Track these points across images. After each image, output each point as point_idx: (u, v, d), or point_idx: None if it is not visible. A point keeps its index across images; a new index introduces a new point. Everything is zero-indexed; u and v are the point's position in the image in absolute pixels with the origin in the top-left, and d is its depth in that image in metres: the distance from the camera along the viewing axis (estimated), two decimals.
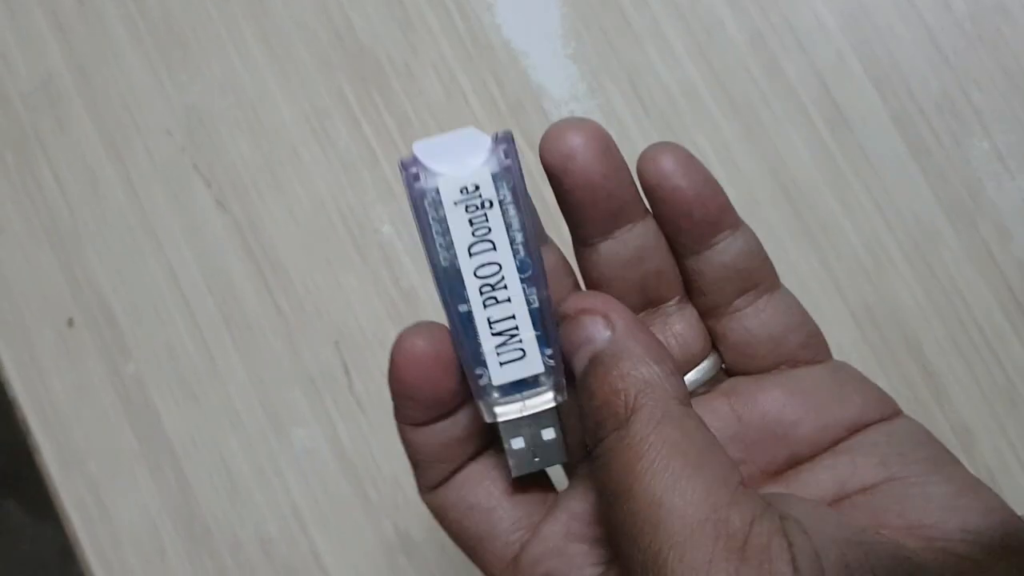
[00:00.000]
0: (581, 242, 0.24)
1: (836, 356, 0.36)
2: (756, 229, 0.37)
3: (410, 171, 0.21)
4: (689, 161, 0.22)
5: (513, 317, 0.21)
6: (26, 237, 0.40)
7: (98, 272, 0.39)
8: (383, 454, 0.38)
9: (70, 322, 0.39)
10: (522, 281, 0.21)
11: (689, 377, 0.24)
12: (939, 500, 0.21)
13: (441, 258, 0.21)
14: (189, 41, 0.40)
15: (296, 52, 0.39)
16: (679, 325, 0.24)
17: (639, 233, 0.23)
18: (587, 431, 0.20)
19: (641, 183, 0.23)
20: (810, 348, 0.24)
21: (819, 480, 0.22)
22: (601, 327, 0.21)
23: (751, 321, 0.24)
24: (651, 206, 0.23)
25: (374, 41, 0.39)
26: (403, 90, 0.39)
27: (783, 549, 0.18)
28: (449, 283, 0.21)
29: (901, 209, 0.37)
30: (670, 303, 0.24)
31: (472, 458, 0.23)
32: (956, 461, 0.23)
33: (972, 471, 0.35)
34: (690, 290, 0.24)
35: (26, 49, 0.40)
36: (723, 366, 0.25)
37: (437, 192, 0.21)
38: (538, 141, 0.38)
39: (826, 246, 0.37)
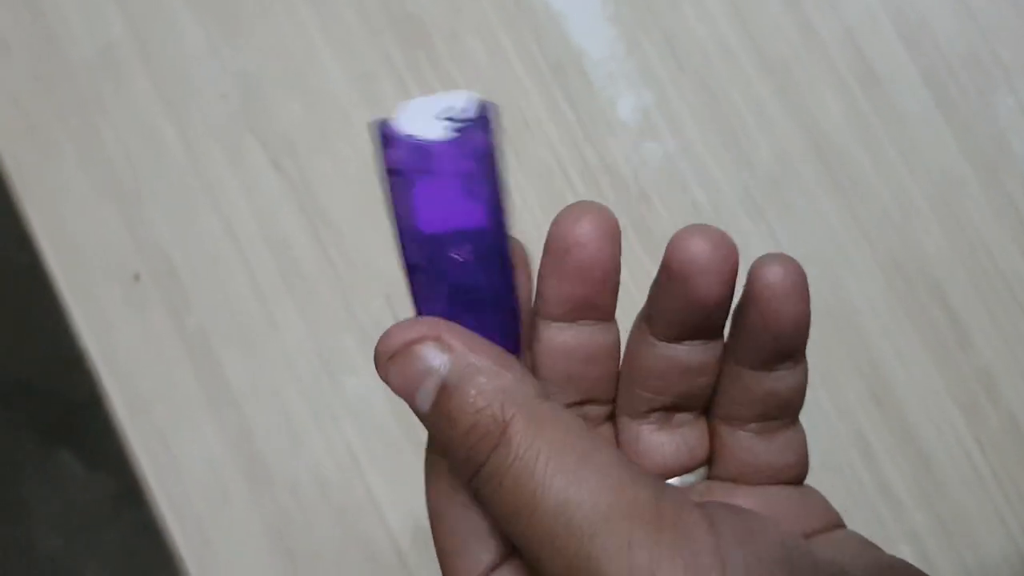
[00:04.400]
0: (652, 332, 0.22)
1: (864, 306, 0.38)
2: (789, 185, 0.38)
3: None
4: (803, 285, 0.21)
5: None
6: (92, 198, 0.42)
7: (161, 230, 0.41)
8: None
9: (136, 277, 0.42)
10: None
11: (682, 479, 0.24)
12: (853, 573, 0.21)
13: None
14: (241, 8, 0.42)
15: (344, 17, 0.41)
16: (690, 432, 0.24)
17: (710, 348, 0.22)
18: (457, 465, 0.20)
19: (747, 286, 0.21)
20: (796, 478, 0.24)
21: None
22: (437, 352, 0.19)
23: (759, 447, 0.23)
24: (742, 306, 0.22)
25: (419, 5, 0.41)
26: (447, 52, 0.40)
27: (700, 518, 0.18)
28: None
29: (928, 163, 0.38)
30: (690, 412, 0.24)
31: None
32: (881, 551, 0.22)
33: (995, 416, 0.37)
34: (719, 390, 0.23)
35: (88, 18, 0.42)
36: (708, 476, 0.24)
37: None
38: (578, 100, 0.39)
39: (855, 198, 0.38)
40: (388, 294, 0.40)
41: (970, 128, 0.38)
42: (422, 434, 0.40)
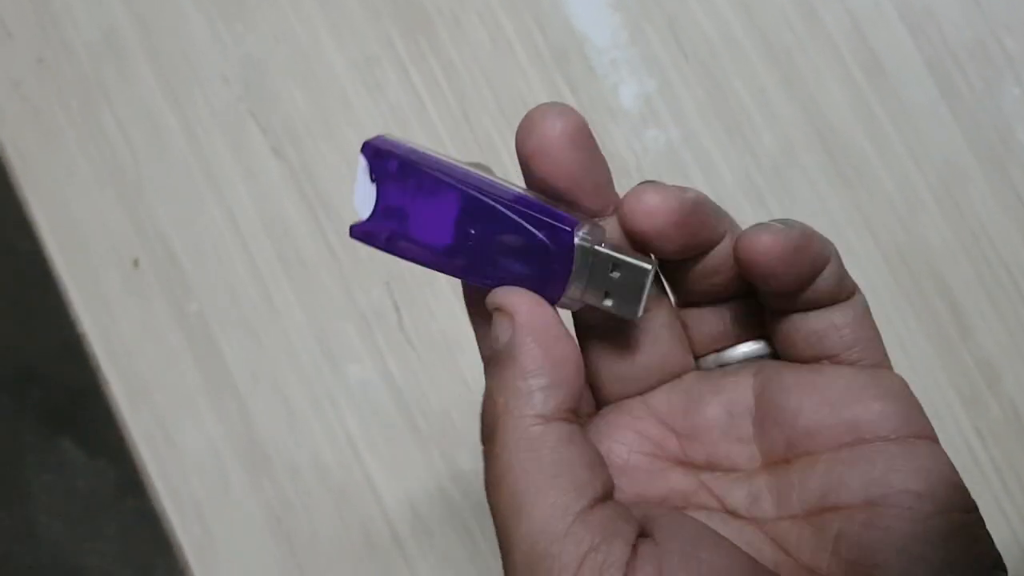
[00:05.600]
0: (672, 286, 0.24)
1: (866, 295, 0.38)
2: (792, 174, 0.38)
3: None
4: (786, 257, 0.21)
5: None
6: (92, 182, 0.42)
7: (161, 216, 0.41)
8: (432, 387, 0.40)
9: (135, 263, 0.41)
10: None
11: (741, 350, 0.24)
12: (902, 542, 0.20)
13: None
14: None
15: (346, 1, 0.41)
16: (740, 309, 0.23)
17: (719, 251, 0.22)
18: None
19: (735, 257, 0.21)
20: (862, 359, 0.23)
21: (807, 485, 0.21)
22: (504, 328, 0.21)
23: (804, 324, 0.22)
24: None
25: None
26: (450, 39, 0.40)
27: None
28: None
29: (932, 152, 0.38)
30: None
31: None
32: (958, 507, 0.21)
33: (996, 407, 0.37)
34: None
35: (89, 3, 0.42)
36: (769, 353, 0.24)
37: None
38: (580, 87, 0.39)
39: (859, 188, 0.38)
40: (388, 281, 0.40)
41: (975, 118, 0.38)
42: (420, 420, 0.40)
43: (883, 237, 0.38)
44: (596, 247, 0.21)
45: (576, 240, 0.21)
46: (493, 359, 0.21)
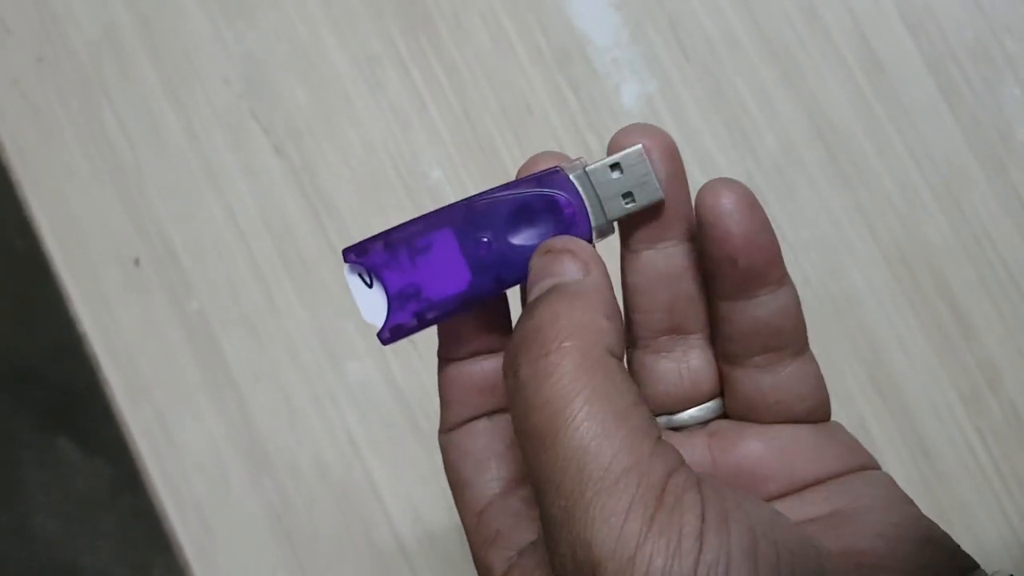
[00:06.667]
0: (626, 246, 0.24)
1: (867, 294, 0.38)
2: (793, 173, 0.38)
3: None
4: (749, 206, 0.22)
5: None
6: (93, 181, 0.42)
7: (162, 214, 0.41)
8: (433, 386, 0.40)
9: (136, 261, 0.41)
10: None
11: (690, 413, 0.24)
12: (877, 528, 0.21)
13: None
14: None
15: (348, 0, 0.41)
16: (696, 361, 0.24)
17: (683, 251, 0.23)
18: (506, 354, 0.21)
19: (697, 215, 0.22)
20: (812, 414, 0.24)
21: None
22: (576, 269, 0.21)
23: (765, 381, 0.23)
24: (700, 240, 0.22)
25: None
26: (451, 38, 0.40)
27: (696, 502, 0.18)
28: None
29: (933, 153, 0.38)
30: (695, 336, 0.24)
31: (489, 414, 0.25)
32: (909, 501, 0.23)
33: (996, 406, 0.37)
34: (715, 330, 0.24)
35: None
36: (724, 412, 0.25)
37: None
38: (581, 87, 0.39)
39: (859, 187, 0.38)
40: None
41: (975, 118, 0.38)
42: (422, 419, 0.40)
43: (883, 236, 0.38)
44: (586, 169, 0.22)
45: (569, 175, 0.22)
46: (553, 291, 0.21)
